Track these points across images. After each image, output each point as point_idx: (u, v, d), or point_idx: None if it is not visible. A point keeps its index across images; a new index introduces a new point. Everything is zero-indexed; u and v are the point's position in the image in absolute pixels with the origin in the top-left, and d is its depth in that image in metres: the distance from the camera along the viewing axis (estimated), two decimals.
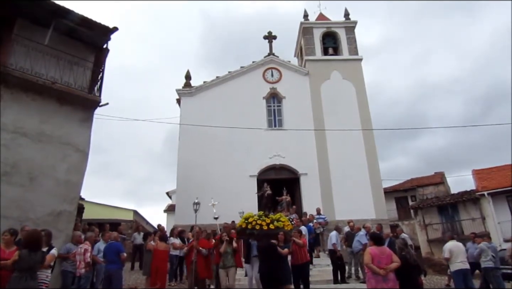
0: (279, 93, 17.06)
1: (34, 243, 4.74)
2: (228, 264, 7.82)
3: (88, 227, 10.53)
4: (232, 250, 8.01)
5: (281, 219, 8.83)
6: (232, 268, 7.86)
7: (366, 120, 16.43)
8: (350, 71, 17.48)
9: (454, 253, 8.18)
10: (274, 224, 8.43)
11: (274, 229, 8.25)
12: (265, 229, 8.29)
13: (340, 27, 18.66)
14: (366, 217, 14.05)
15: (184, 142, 15.82)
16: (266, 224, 8.42)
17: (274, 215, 9.10)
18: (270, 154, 15.70)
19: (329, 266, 10.83)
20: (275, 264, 7.19)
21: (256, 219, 8.60)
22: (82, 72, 9.16)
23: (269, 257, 7.21)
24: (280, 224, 8.57)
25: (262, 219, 8.57)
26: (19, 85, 7.96)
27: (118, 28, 9.46)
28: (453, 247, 8.35)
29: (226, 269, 7.80)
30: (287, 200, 13.19)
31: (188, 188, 14.72)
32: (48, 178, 7.98)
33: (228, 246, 7.98)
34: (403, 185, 25.54)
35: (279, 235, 7.92)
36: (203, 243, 8.72)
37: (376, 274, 5.36)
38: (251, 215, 8.93)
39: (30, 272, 4.58)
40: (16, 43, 8.16)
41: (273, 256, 7.22)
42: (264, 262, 7.31)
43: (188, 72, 17.25)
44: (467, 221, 17.10)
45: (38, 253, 4.73)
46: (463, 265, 8.03)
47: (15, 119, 7.79)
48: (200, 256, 8.43)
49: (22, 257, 4.61)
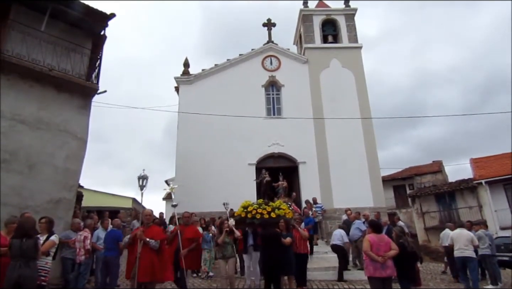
0: (278, 82, 16.96)
1: (24, 231, 4.71)
2: (228, 254, 7.52)
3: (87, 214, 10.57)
4: (231, 241, 7.69)
5: (282, 206, 8.70)
6: (232, 258, 7.59)
7: (365, 108, 16.38)
8: (350, 59, 17.34)
9: (455, 241, 8.28)
10: (276, 212, 8.31)
11: (275, 218, 8.09)
12: (266, 218, 8.13)
13: (340, 15, 18.45)
14: (364, 205, 14.10)
15: (182, 131, 15.78)
16: (267, 212, 8.27)
17: (274, 203, 8.97)
18: (269, 142, 15.67)
19: (327, 253, 10.95)
20: (279, 254, 6.99)
21: (256, 208, 8.44)
22: (80, 59, 9.08)
23: (273, 246, 7.01)
24: (281, 212, 8.43)
25: (263, 208, 8.42)
26: (16, 72, 7.89)
27: (116, 14, 9.35)
28: (454, 234, 8.47)
29: (226, 260, 7.51)
30: (283, 186, 13.07)
31: (186, 176, 14.73)
32: (46, 165, 7.97)
33: (226, 236, 7.57)
34: (401, 173, 25.69)
35: (280, 223, 7.75)
36: (189, 231, 7.34)
37: (374, 261, 5.42)
38: (249, 203, 8.78)
39: (23, 259, 4.55)
40: (12, 29, 8.06)
41: (276, 245, 7.04)
42: (267, 251, 7.09)
43: (187, 60, 17.09)
44: (464, 209, 17.30)
45: (30, 241, 4.66)
46: (460, 252, 8.07)
47: (13, 106, 7.75)
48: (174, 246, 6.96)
49: (13, 244, 4.61)
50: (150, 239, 5.56)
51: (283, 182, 13.15)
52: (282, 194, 12.72)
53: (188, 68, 16.97)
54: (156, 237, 5.65)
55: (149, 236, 5.62)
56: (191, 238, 7.13)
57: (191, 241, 7.09)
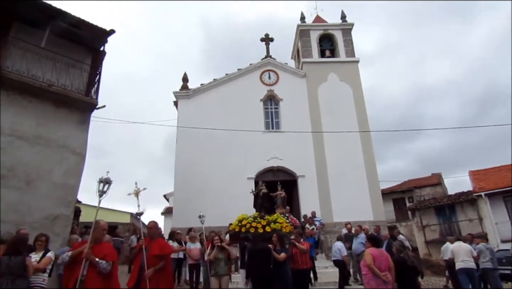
0: (276, 96, 17.06)
1: (13, 248, 4.66)
2: (221, 271, 6.92)
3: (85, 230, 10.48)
4: (225, 257, 7.05)
5: (279, 220, 8.28)
6: (225, 277, 6.95)
7: (363, 122, 16.45)
8: (347, 73, 17.50)
9: (456, 254, 8.34)
10: (271, 226, 7.87)
11: (270, 232, 7.58)
12: (260, 232, 7.66)
13: (337, 29, 18.70)
14: (364, 218, 14.03)
15: (181, 145, 15.79)
16: (261, 226, 7.84)
17: (270, 216, 8.58)
18: (268, 156, 15.68)
19: (327, 268, 10.83)
20: (267, 269, 6.39)
21: (251, 221, 8.05)
22: (79, 74, 9.14)
23: (261, 262, 6.36)
24: (277, 225, 8.00)
25: (257, 221, 8.04)
26: (16, 88, 7.94)
27: (115, 31, 9.46)
28: (454, 247, 8.52)
29: (219, 278, 6.88)
30: (282, 196, 12.44)
31: (185, 191, 14.69)
32: (45, 181, 7.94)
33: (220, 252, 7.01)
34: (400, 186, 25.60)
35: (273, 238, 7.09)
36: (155, 246, 5.56)
37: (377, 276, 5.32)
38: (245, 217, 8.45)
39: (11, 277, 4.46)
40: (13, 45, 8.13)
41: (264, 261, 6.42)
42: (255, 268, 6.41)
43: (185, 74, 17.22)
44: (465, 222, 17.17)
45: (18, 258, 4.56)
46: (464, 264, 8.11)
47: (12, 122, 7.76)
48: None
49: (2, 262, 4.54)
50: (100, 259, 4.35)
51: (281, 192, 12.60)
52: (280, 204, 12.25)
53: (187, 83, 17.09)
54: (108, 257, 4.45)
55: (100, 256, 4.40)
56: (157, 254, 5.49)
57: (157, 258, 5.47)
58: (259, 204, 9.75)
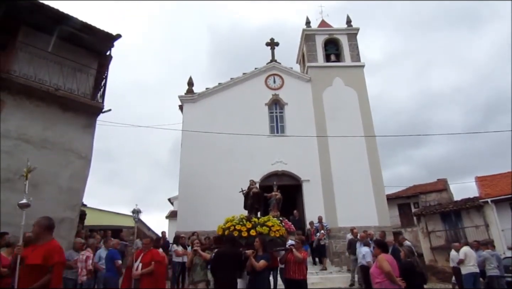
0: (281, 100, 17.07)
1: None
2: (197, 278, 6.42)
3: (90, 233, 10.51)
4: (203, 262, 6.52)
5: (268, 223, 7.45)
6: (201, 283, 6.44)
7: (368, 126, 16.39)
8: (352, 78, 17.48)
9: (468, 257, 8.53)
10: (257, 229, 7.07)
11: (255, 236, 6.80)
12: (244, 235, 6.96)
13: (342, 34, 18.70)
14: (369, 224, 13.95)
15: (186, 149, 15.83)
16: (246, 229, 7.09)
17: (259, 218, 7.84)
18: (272, 160, 15.66)
19: (331, 273, 10.77)
20: (235, 279, 5.62)
21: (235, 224, 7.32)
22: (85, 78, 9.22)
23: (228, 269, 5.56)
24: (265, 229, 7.17)
25: (243, 224, 7.30)
26: (23, 92, 8.02)
27: (121, 35, 9.53)
28: (467, 251, 8.69)
29: (195, 284, 6.42)
30: (277, 197, 11.36)
31: (190, 194, 14.71)
32: (50, 184, 8.00)
33: (196, 257, 6.53)
34: (405, 191, 25.43)
35: (255, 242, 6.27)
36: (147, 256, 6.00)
37: (394, 283, 5.10)
38: (231, 219, 7.76)
39: None
40: (20, 50, 8.22)
41: (235, 268, 5.64)
42: (217, 274, 5.61)
43: (191, 79, 17.28)
44: (471, 228, 17.00)
45: None
46: (475, 268, 8.38)
47: (19, 126, 7.84)
48: None
49: None
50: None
51: (277, 193, 11.56)
52: (275, 206, 11.18)
53: (192, 87, 17.14)
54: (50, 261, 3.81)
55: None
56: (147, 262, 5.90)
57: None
58: (249, 205, 9.05)
